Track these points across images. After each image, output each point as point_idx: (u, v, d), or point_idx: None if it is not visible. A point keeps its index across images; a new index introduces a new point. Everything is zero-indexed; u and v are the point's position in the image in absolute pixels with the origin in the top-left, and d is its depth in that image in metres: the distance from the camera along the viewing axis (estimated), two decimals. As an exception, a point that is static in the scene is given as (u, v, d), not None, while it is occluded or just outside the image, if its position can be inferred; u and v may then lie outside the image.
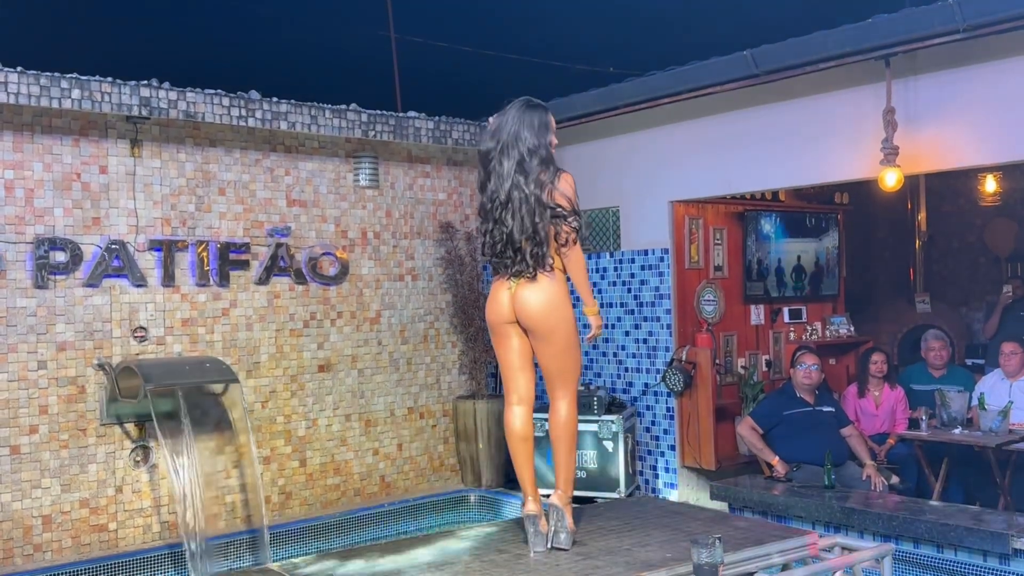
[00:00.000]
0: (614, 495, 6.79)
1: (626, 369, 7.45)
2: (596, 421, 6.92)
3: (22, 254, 5.92)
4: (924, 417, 6.70)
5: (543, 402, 4.73)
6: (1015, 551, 4.78)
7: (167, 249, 6.45)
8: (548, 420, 4.26)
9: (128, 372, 5.98)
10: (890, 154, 5.45)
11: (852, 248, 9.01)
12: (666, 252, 7.10)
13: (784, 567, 4.09)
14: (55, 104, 5.76)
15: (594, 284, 7.54)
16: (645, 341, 7.27)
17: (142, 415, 6.18)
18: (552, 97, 6.89)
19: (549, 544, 4.13)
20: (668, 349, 7.10)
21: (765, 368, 7.85)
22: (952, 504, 5.88)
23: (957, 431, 6.51)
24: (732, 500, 6.22)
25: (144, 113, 6.11)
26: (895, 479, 6.51)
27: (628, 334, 7.39)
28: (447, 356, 7.98)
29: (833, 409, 6.71)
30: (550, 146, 4.06)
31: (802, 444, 6.39)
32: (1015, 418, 6.50)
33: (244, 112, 6.54)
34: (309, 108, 6.86)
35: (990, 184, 9.10)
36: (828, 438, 6.43)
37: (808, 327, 8.22)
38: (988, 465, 6.31)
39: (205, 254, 6.61)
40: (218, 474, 6.60)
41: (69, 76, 5.80)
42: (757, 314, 7.86)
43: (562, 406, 4.16)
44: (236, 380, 6.30)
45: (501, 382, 8.31)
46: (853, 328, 8.49)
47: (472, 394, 7.94)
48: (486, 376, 8.03)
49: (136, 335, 6.34)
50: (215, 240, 6.68)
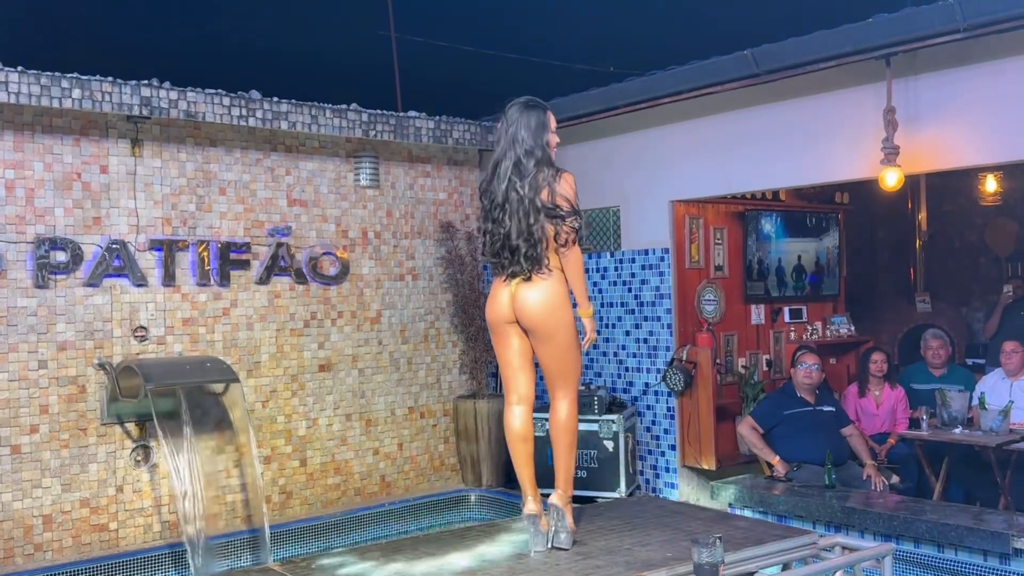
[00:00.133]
0: (614, 495, 6.79)
1: (627, 369, 7.45)
2: (596, 421, 6.92)
3: (23, 254, 5.93)
4: (925, 417, 6.70)
5: (543, 402, 4.73)
6: (1015, 551, 4.78)
7: (168, 249, 6.46)
8: (548, 419, 4.25)
9: (129, 372, 5.98)
10: (891, 154, 5.44)
11: (853, 248, 9.01)
12: (667, 252, 7.09)
13: (784, 567, 4.09)
14: (56, 104, 5.76)
15: (594, 284, 7.54)
16: (646, 341, 7.27)
17: (143, 415, 6.18)
18: (552, 97, 6.89)
19: (549, 544, 4.12)
20: (669, 349, 7.10)
21: (766, 368, 7.85)
22: (952, 504, 5.89)
23: (958, 431, 6.50)
24: (732, 500, 6.23)
25: (145, 113, 6.11)
26: (895, 479, 6.51)
27: (629, 334, 7.39)
28: (447, 356, 7.98)
29: (834, 409, 6.71)
30: (548, 146, 4.03)
31: (802, 444, 6.39)
32: (1016, 418, 6.50)
33: (245, 112, 6.54)
34: (310, 108, 6.86)
35: (991, 184, 9.10)
36: (828, 438, 6.43)
37: (808, 327, 8.22)
38: (988, 465, 6.30)
39: (206, 254, 6.62)
40: (219, 474, 6.60)
41: (70, 76, 5.80)
42: (758, 314, 7.86)
43: (563, 406, 4.15)
44: (237, 380, 6.30)
45: (501, 382, 8.31)
46: (854, 328, 8.48)
47: (472, 394, 7.94)
48: (486, 376, 8.03)
49: (137, 335, 6.34)
50: (216, 240, 6.68)
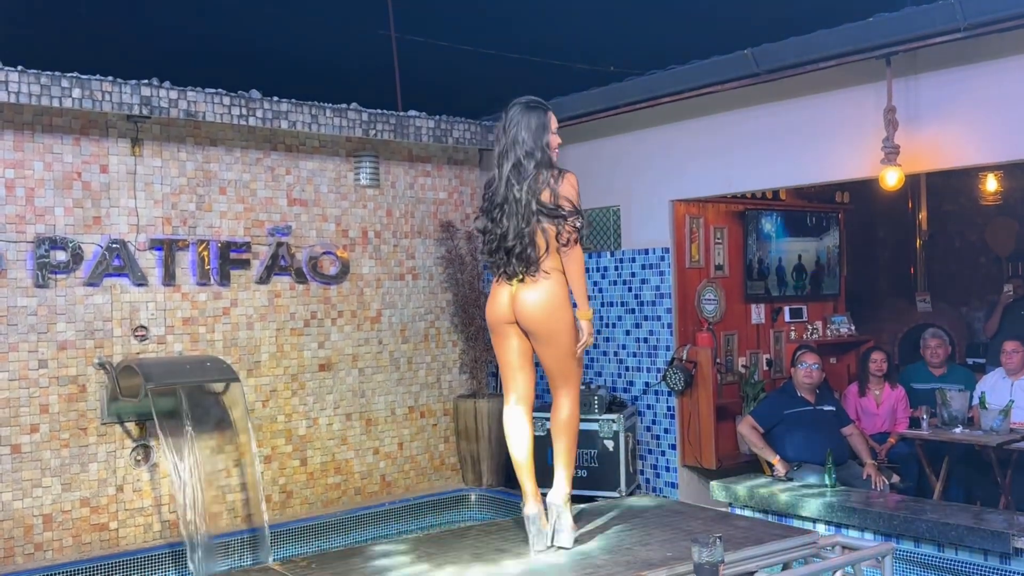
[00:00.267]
0: (614, 494, 6.79)
1: (627, 368, 7.44)
2: (597, 420, 6.92)
3: (23, 253, 5.93)
4: (925, 416, 6.70)
5: (543, 401, 4.73)
6: (1016, 550, 4.78)
7: (168, 248, 6.46)
8: (549, 419, 4.26)
9: (129, 371, 5.98)
10: (891, 153, 5.44)
11: (853, 247, 9.01)
12: (667, 251, 7.09)
13: (785, 566, 4.09)
14: (56, 103, 5.76)
15: (595, 283, 7.54)
16: (646, 340, 7.27)
17: (143, 414, 6.18)
18: (553, 96, 6.88)
19: (550, 542, 4.12)
20: (669, 348, 7.10)
21: (766, 367, 7.85)
22: (953, 503, 5.88)
23: (958, 430, 6.50)
24: (733, 499, 6.22)
25: (145, 112, 6.11)
26: (896, 478, 6.50)
27: (629, 333, 7.39)
28: (448, 355, 7.98)
29: (834, 408, 6.71)
30: (548, 148, 4.02)
31: (803, 443, 6.39)
32: (1016, 417, 6.49)
33: (245, 111, 6.54)
34: (310, 107, 6.86)
35: (991, 183, 9.11)
36: (829, 437, 6.43)
37: (809, 326, 8.22)
38: (989, 464, 6.31)
39: (206, 253, 6.62)
40: (219, 473, 6.60)
41: (70, 75, 5.80)
42: (758, 313, 7.87)
43: (565, 405, 4.15)
44: (237, 379, 6.30)
45: (501, 381, 8.31)
46: (854, 327, 8.48)
47: (473, 393, 7.94)
48: (487, 375, 8.03)
49: (137, 334, 6.34)
50: (216, 239, 6.68)
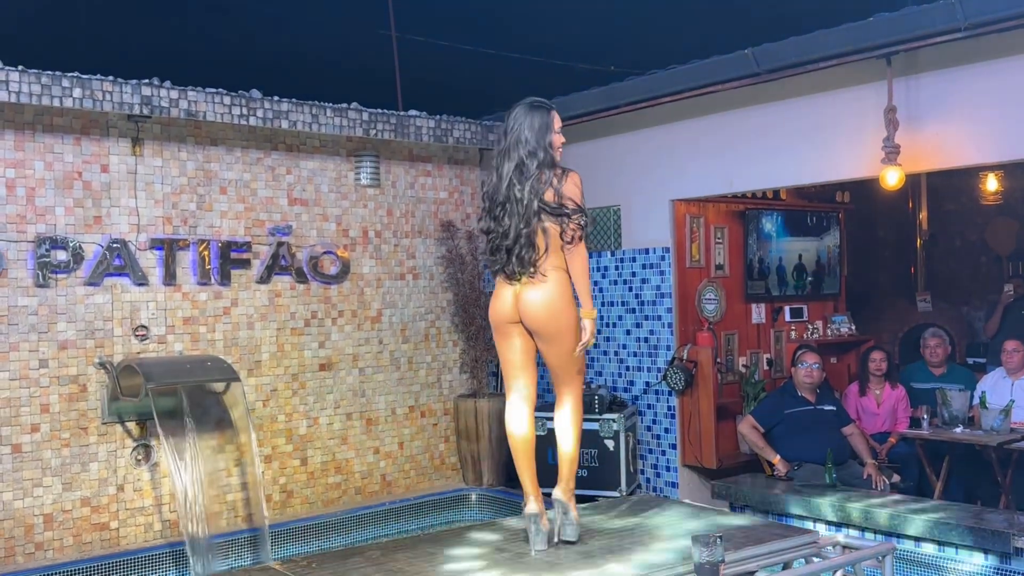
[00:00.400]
0: (615, 494, 6.79)
1: (627, 368, 7.45)
2: (597, 420, 6.92)
3: (23, 253, 5.93)
4: (925, 416, 6.70)
5: (544, 401, 4.74)
6: (1016, 550, 4.79)
7: (168, 248, 6.46)
8: (552, 418, 4.30)
9: (129, 371, 5.98)
10: (891, 153, 5.44)
11: (853, 247, 9.01)
12: (667, 251, 7.09)
13: (785, 566, 4.09)
14: (56, 103, 5.76)
15: (595, 283, 7.54)
16: (646, 340, 7.27)
17: (143, 414, 6.18)
18: (553, 96, 6.88)
19: (556, 538, 4.15)
20: (669, 348, 7.10)
21: (766, 367, 7.85)
22: (953, 503, 5.88)
23: (958, 430, 6.50)
24: (733, 499, 6.23)
25: (145, 112, 6.11)
26: (896, 478, 6.50)
27: (629, 333, 7.39)
28: (448, 355, 7.98)
29: (834, 408, 6.71)
30: (551, 147, 4.06)
31: (803, 443, 6.39)
32: (1016, 417, 6.49)
33: (245, 111, 6.54)
34: (310, 107, 6.86)
35: (991, 183, 9.10)
36: (829, 437, 6.43)
37: (809, 326, 8.22)
38: (989, 464, 6.30)
39: (206, 253, 6.62)
40: (219, 473, 6.60)
41: (70, 75, 5.80)
42: (758, 313, 7.86)
43: (568, 403, 4.20)
44: (237, 379, 6.31)
45: (502, 380, 8.29)
46: (854, 327, 8.48)
47: (473, 393, 7.94)
48: (487, 375, 8.03)
49: (137, 334, 6.34)
50: (216, 239, 6.68)
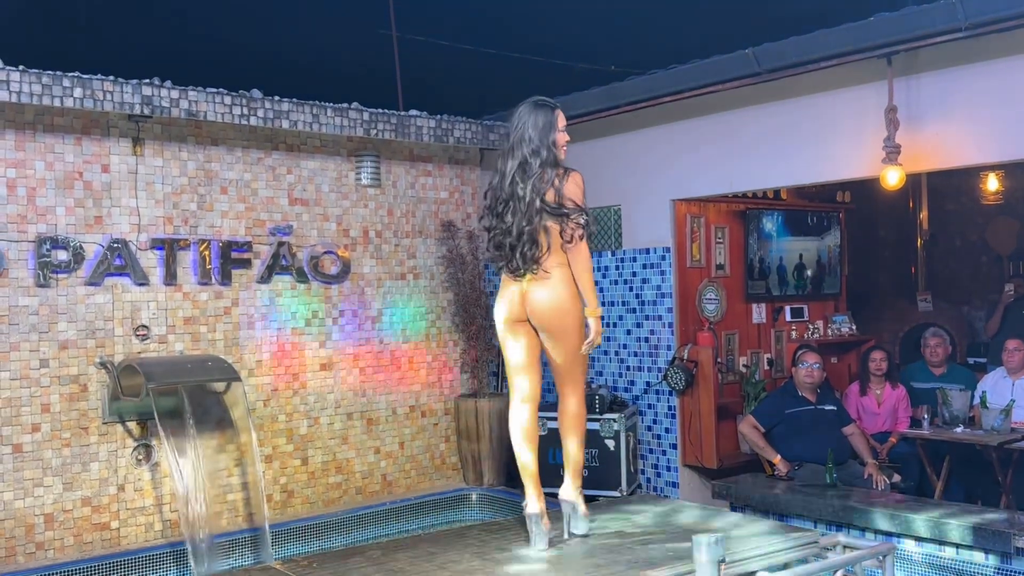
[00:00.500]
0: (615, 493, 6.79)
1: (628, 368, 7.44)
2: (598, 420, 6.92)
3: (24, 253, 5.93)
4: (926, 416, 6.70)
5: (545, 401, 4.75)
6: (1017, 550, 4.78)
7: (169, 248, 6.46)
8: (556, 416, 4.34)
9: (130, 370, 5.99)
10: (892, 152, 5.44)
11: (854, 247, 9.00)
12: (668, 251, 7.09)
13: (786, 565, 4.09)
14: (57, 103, 5.76)
15: (596, 283, 7.51)
16: (647, 340, 7.27)
17: (144, 413, 6.18)
18: (554, 95, 6.80)
19: (566, 533, 4.25)
20: (670, 348, 7.10)
21: (767, 367, 7.85)
22: (954, 502, 5.88)
23: (959, 430, 6.50)
24: (734, 499, 6.22)
25: (146, 112, 6.11)
26: (897, 477, 6.50)
27: (630, 332, 7.39)
28: (449, 355, 7.98)
29: (835, 407, 6.70)
30: (554, 146, 4.09)
31: (804, 442, 6.38)
32: (1017, 416, 6.49)
33: (246, 111, 6.54)
34: (311, 107, 6.86)
35: (992, 183, 9.10)
36: (830, 436, 6.43)
37: (810, 326, 8.22)
38: (990, 464, 6.30)
39: (207, 252, 6.62)
40: (220, 472, 6.61)
41: (71, 75, 5.80)
42: (759, 312, 7.86)
43: (571, 401, 4.24)
44: (238, 378, 6.31)
45: (503, 380, 8.30)
46: (855, 327, 8.47)
47: (474, 393, 7.94)
48: (487, 375, 8.04)
49: (138, 333, 6.34)
50: (217, 239, 6.68)
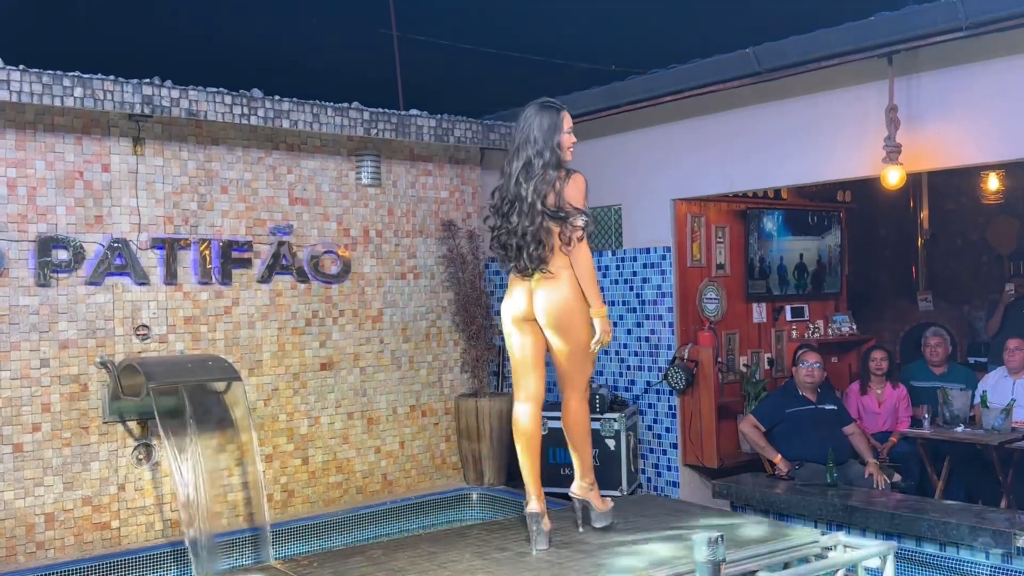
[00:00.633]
0: (616, 493, 6.78)
1: (628, 367, 7.44)
2: (598, 419, 6.92)
3: (24, 252, 5.93)
4: (927, 415, 6.70)
5: (549, 401, 4.76)
6: (1018, 549, 4.78)
7: (169, 247, 6.46)
8: (560, 415, 4.37)
9: (130, 370, 5.99)
10: (892, 152, 5.44)
11: (854, 246, 9.00)
12: (668, 250, 7.09)
13: (786, 565, 4.09)
14: (57, 102, 5.76)
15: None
16: (647, 339, 7.27)
17: (144, 413, 6.18)
18: (554, 95, 6.85)
19: (580, 528, 4.35)
20: (670, 347, 7.10)
21: (767, 366, 7.85)
22: (954, 502, 5.88)
23: (959, 429, 6.50)
24: (734, 498, 6.22)
25: (146, 111, 6.11)
26: (897, 477, 6.50)
27: (630, 332, 7.39)
28: (449, 354, 7.98)
29: (835, 407, 6.71)
30: (559, 147, 4.11)
31: (804, 442, 6.39)
32: (1018, 416, 6.49)
33: (246, 110, 6.54)
34: (311, 106, 6.86)
35: (993, 182, 9.10)
36: (830, 436, 6.43)
37: (810, 325, 8.22)
38: (990, 463, 6.30)
39: (207, 252, 6.62)
40: (220, 472, 6.61)
41: (71, 74, 5.79)
42: (759, 312, 7.86)
43: (574, 402, 4.27)
44: (238, 378, 6.31)
45: (503, 380, 8.29)
46: (855, 326, 8.47)
47: (474, 392, 7.94)
48: (488, 374, 8.04)
49: (138, 333, 6.34)
50: (217, 238, 6.68)
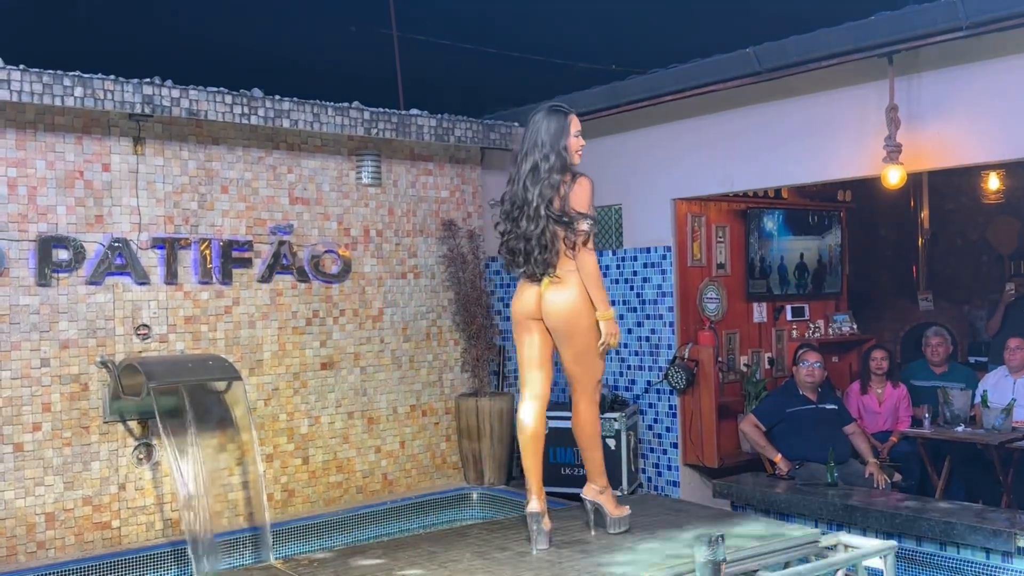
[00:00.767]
0: (616, 493, 6.75)
1: (629, 367, 7.45)
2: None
3: (25, 252, 5.93)
4: (927, 415, 6.70)
5: (553, 401, 4.78)
6: (1018, 549, 4.79)
7: (170, 247, 6.46)
8: (571, 417, 4.38)
9: (131, 370, 5.99)
10: (893, 151, 5.44)
11: (855, 246, 9.00)
12: (668, 250, 7.09)
13: (786, 565, 4.09)
14: (58, 102, 5.76)
15: (597, 283, 7.53)
16: (648, 339, 7.27)
17: (145, 413, 6.18)
18: (555, 95, 6.88)
19: (593, 531, 4.40)
20: (671, 347, 7.10)
21: (768, 366, 7.85)
22: (955, 502, 5.88)
23: (960, 429, 6.51)
24: (734, 498, 6.23)
25: (147, 111, 6.11)
26: (897, 477, 6.51)
27: (631, 332, 7.39)
28: (449, 354, 7.98)
29: (836, 407, 6.71)
30: (566, 151, 4.14)
31: (805, 442, 6.39)
32: (1018, 416, 6.50)
33: (247, 110, 6.54)
34: (312, 106, 6.86)
35: (993, 182, 9.10)
36: (831, 436, 6.43)
37: (811, 325, 8.22)
38: (991, 463, 6.31)
39: (208, 252, 6.62)
40: (221, 472, 6.61)
41: (72, 74, 5.80)
42: (760, 312, 7.86)
43: (584, 405, 4.29)
44: (239, 378, 6.31)
45: (504, 379, 8.29)
46: (856, 326, 8.47)
47: (474, 392, 7.94)
48: (488, 374, 8.04)
49: (139, 333, 6.34)
50: (218, 238, 6.68)
